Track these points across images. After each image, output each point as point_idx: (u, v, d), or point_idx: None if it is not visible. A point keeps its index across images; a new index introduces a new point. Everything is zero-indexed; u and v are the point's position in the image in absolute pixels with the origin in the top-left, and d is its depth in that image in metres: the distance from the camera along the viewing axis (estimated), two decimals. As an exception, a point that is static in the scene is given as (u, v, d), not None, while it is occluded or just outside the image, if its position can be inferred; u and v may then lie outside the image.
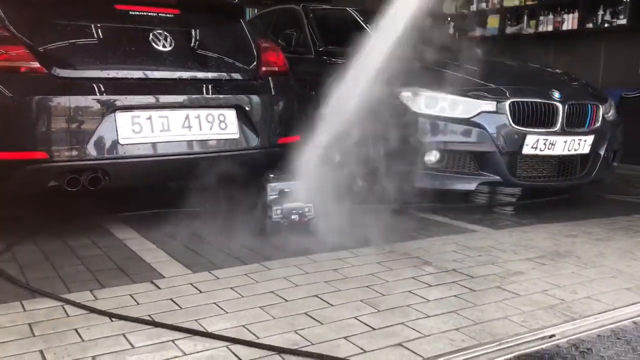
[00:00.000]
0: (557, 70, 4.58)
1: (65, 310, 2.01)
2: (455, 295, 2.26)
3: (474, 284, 2.39)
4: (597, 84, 6.41)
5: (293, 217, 2.97)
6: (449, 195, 3.74)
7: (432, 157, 3.59)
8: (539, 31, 6.95)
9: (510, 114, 3.57)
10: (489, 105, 3.58)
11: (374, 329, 1.93)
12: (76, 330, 1.86)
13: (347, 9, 5.26)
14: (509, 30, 7.31)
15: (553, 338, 1.93)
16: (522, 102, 3.61)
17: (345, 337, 1.86)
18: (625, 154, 4.44)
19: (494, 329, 1.96)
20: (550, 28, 6.84)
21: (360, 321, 1.99)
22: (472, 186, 3.61)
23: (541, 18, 6.88)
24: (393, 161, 3.64)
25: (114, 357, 1.70)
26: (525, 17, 7.07)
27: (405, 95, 3.64)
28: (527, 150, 3.60)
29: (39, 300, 2.10)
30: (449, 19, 7.96)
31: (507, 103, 3.57)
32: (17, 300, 2.09)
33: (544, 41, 6.99)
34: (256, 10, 7.90)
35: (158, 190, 3.19)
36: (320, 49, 4.65)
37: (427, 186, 3.59)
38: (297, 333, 1.88)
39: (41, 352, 1.71)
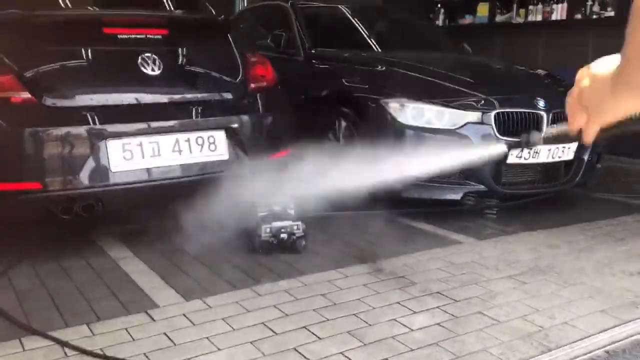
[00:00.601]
0: (541, 72, 4.61)
1: (63, 350, 2.09)
2: (438, 324, 2.36)
3: (457, 309, 2.49)
4: (585, 74, 6.45)
5: (282, 235, 3.05)
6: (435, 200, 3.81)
7: (419, 167, 3.65)
8: (528, 20, 6.96)
9: (496, 125, 3.64)
10: (475, 116, 3.64)
11: (360, 367, 2.03)
12: (74, 373, 1.95)
13: (340, 6, 5.23)
14: (499, 18, 7.31)
15: (529, 373, 2.03)
16: (507, 112, 3.67)
17: (332, 377, 1.96)
18: (611, 146, 4.51)
19: (474, 364, 2.07)
20: (539, 17, 6.85)
21: (347, 357, 2.08)
22: (457, 196, 3.70)
23: (531, 7, 6.88)
24: (380, 171, 3.71)
25: (112, 403, 1.79)
26: (515, 6, 7.06)
27: (392, 106, 3.69)
28: (512, 159, 3.67)
29: (38, 337, 2.18)
30: (439, 5, 7.94)
31: (492, 114, 3.64)
32: (16, 338, 2.17)
33: (533, 30, 7.00)
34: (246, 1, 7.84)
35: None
36: (310, 51, 4.66)
37: (414, 196, 3.68)
38: (286, 373, 1.98)
39: (42, 399, 1.80)
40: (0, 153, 2.60)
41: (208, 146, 2.97)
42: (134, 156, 2.76)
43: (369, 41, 4.84)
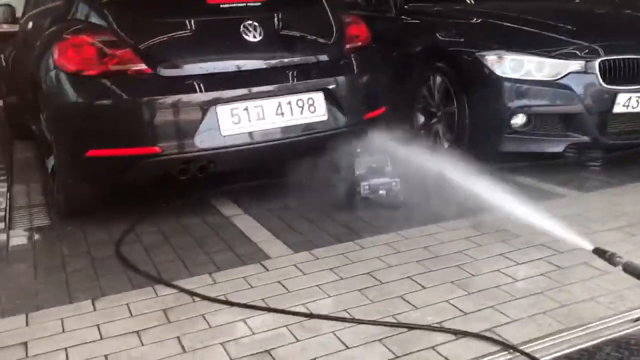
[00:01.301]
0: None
1: (191, 296, 2.32)
2: (542, 274, 2.38)
3: (561, 260, 2.49)
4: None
5: (381, 192, 3.14)
6: (536, 153, 3.74)
7: (519, 120, 3.60)
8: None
9: (600, 73, 3.49)
10: (577, 66, 3.51)
11: (466, 314, 2.10)
12: (203, 316, 2.16)
13: None
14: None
15: (639, 322, 2.03)
16: (613, 60, 3.51)
17: (439, 322, 2.05)
18: None
19: (581, 312, 2.09)
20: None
21: (452, 305, 2.17)
22: (560, 148, 3.62)
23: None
24: (479, 125, 3.70)
25: (238, 343, 1.98)
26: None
27: (490, 59, 3.63)
28: (618, 109, 3.53)
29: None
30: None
31: (596, 62, 3.49)
32: (149, 285, 2.43)
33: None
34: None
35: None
36: (401, 7, 4.62)
37: (514, 149, 3.65)
38: (395, 318, 2.09)
39: (178, 338, 2.03)
40: (123, 121, 2.85)
41: (308, 108, 3.09)
42: (242, 120, 2.93)
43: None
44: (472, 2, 4.60)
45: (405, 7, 4.59)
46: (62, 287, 2.47)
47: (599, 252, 2.08)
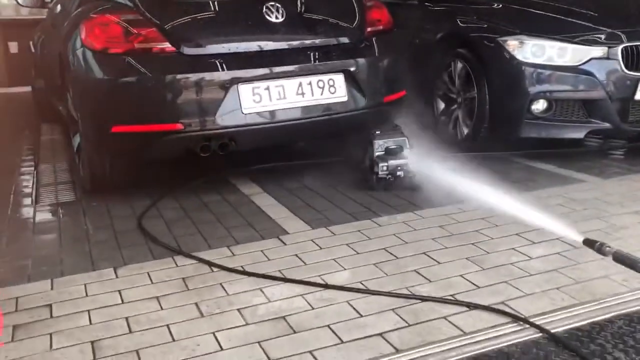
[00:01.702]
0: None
1: (210, 267, 2.38)
2: (557, 253, 2.39)
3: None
4: None
5: (398, 173, 3.16)
6: (556, 140, 3.74)
7: (540, 106, 3.59)
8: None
9: (623, 60, 3.47)
10: (599, 51, 3.49)
11: (479, 287, 2.13)
12: (221, 284, 2.22)
13: None
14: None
15: (653, 298, 2.03)
16: (636, 46, 3.48)
17: (452, 295, 2.08)
18: None
19: (595, 288, 2.10)
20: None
21: (466, 279, 2.20)
22: (580, 134, 3.60)
23: None
24: (499, 111, 3.70)
25: (254, 309, 2.04)
26: None
27: (511, 44, 3.62)
28: (640, 96, 3.51)
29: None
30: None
31: (619, 48, 3.47)
32: (169, 256, 2.50)
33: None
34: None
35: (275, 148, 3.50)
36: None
37: (534, 135, 3.64)
38: (409, 290, 2.12)
39: (196, 304, 2.08)
40: (147, 98, 2.92)
41: (328, 88, 3.13)
42: (263, 99, 2.98)
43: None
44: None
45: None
46: (86, 256, 2.55)
47: (589, 242, 2.07)
